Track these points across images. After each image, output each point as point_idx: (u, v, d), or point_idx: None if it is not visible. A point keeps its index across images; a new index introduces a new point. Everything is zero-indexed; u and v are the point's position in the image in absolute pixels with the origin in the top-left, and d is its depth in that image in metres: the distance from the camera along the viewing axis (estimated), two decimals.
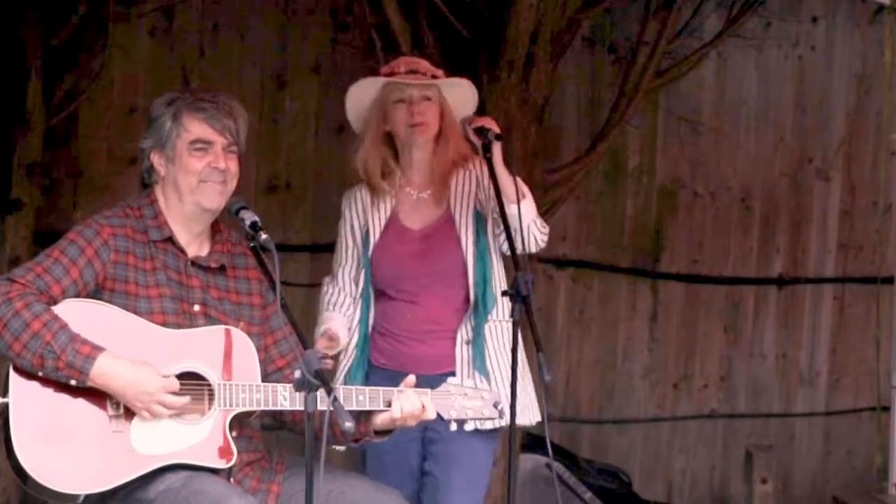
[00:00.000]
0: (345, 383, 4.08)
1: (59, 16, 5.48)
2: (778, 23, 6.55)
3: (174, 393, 3.39)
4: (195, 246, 3.63)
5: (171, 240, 3.58)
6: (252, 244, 3.50)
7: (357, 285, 4.27)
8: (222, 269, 3.65)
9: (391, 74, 4.22)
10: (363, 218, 4.27)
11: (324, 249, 6.05)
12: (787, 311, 6.80)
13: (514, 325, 3.84)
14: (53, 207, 5.67)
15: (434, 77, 4.22)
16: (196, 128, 3.55)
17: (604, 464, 6.26)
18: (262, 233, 3.47)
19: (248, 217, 3.50)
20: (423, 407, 3.55)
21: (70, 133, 5.71)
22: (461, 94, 4.30)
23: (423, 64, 4.26)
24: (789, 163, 6.75)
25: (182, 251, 3.60)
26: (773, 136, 6.72)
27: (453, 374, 4.09)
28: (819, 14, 6.73)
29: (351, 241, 4.30)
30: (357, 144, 4.29)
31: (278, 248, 3.43)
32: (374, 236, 4.24)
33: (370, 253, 4.23)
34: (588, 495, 5.64)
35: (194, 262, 3.60)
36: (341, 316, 4.25)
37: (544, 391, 4.08)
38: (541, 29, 5.15)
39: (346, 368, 4.22)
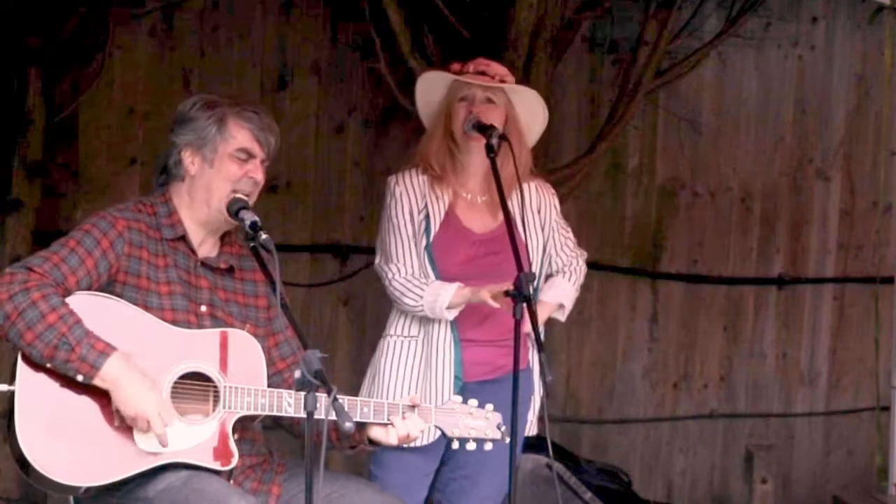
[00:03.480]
0: None
1: (59, 16, 5.47)
2: (778, 23, 6.55)
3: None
4: (206, 247, 3.64)
5: (183, 239, 3.59)
6: (252, 244, 3.50)
7: (422, 274, 4.17)
8: (230, 270, 3.66)
9: (460, 72, 4.19)
10: (421, 202, 4.20)
11: (324, 249, 6.07)
12: (787, 311, 6.80)
13: (516, 325, 3.84)
14: (53, 207, 5.67)
15: (502, 82, 4.18)
16: (242, 136, 3.56)
17: (604, 464, 6.26)
18: (262, 233, 3.47)
19: (248, 217, 3.51)
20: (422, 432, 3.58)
21: (70, 133, 5.71)
22: (532, 106, 4.27)
23: (495, 67, 4.21)
24: (789, 163, 6.74)
25: (193, 251, 3.60)
26: (773, 136, 6.72)
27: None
28: (819, 14, 6.72)
29: (410, 225, 4.19)
30: (427, 135, 4.25)
31: (278, 248, 3.43)
32: (435, 226, 4.18)
33: (431, 241, 4.18)
34: (588, 495, 5.63)
35: (204, 263, 3.61)
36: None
37: (545, 391, 4.09)
38: (541, 29, 5.16)
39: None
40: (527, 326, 3.88)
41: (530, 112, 4.27)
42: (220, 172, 3.56)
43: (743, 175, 6.69)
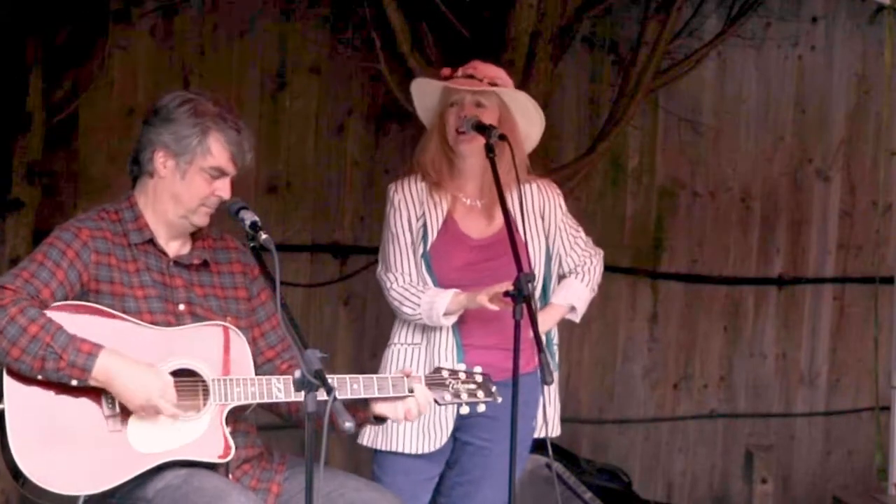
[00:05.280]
0: None
1: (60, 16, 5.47)
2: (778, 23, 6.55)
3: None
4: (176, 245, 3.64)
5: (151, 242, 3.59)
6: (252, 244, 3.50)
7: (421, 282, 4.18)
8: (205, 265, 3.66)
9: (450, 77, 4.18)
10: (419, 209, 4.21)
11: (324, 249, 6.07)
12: (787, 311, 6.80)
13: (517, 325, 3.83)
14: (53, 207, 5.66)
15: (493, 84, 4.16)
16: (220, 155, 3.55)
17: (604, 464, 6.26)
18: (262, 233, 3.47)
19: (248, 217, 3.50)
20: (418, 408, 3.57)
21: (70, 133, 5.71)
22: (526, 110, 4.24)
23: (484, 69, 4.19)
24: (789, 163, 6.75)
25: (163, 252, 3.60)
26: (773, 136, 6.72)
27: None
28: (819, 14, 6.72)
29: (408, 234, 4.20)
30: (422, 142, 4.26)
31: (278, 248, 3.43)
32: (433, 233, 4.19)
33: (428, 248, 4.18)
34: (588, 495, 5.62)
35: (176, 262, 3.61)
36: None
37: (545, 391, 4.09)
38: (541, 29, 5.16)
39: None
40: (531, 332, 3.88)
41: (526, 116, 4.25)
42: (189, 185, 3.55)
43: (743, 175, 6.69)
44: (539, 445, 4.37)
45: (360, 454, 5.66)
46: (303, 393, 3.13)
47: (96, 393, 3.38)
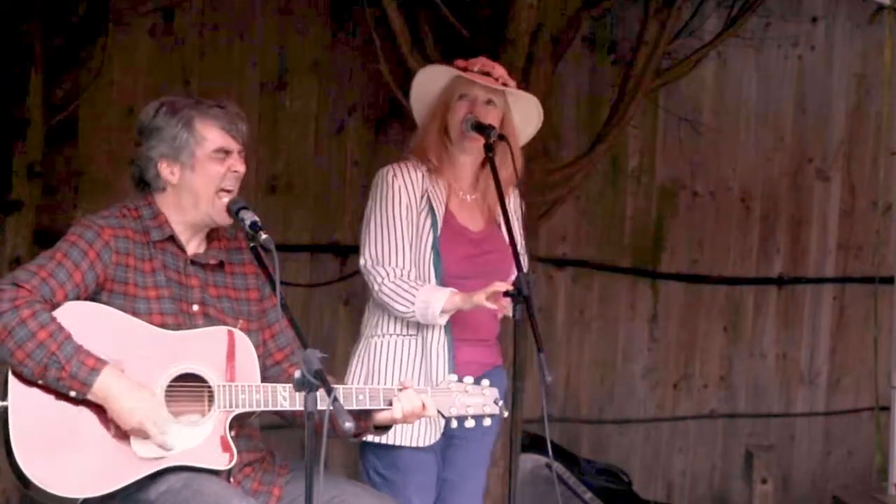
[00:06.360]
0: None
1: (59, 16, 5.47)
2: (778, 23, 6.55)
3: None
4: (194, 244, 3.64)
5: (171, 238, 3.59)
6: (252, 244, 3.50)
7: (422, 276, 4.12)
8: (220, 265, 3.66)
9: (465, 70, 4.19)
10: (423, 199, 4.13)
11: (324, 249, 6.07)
12: (787, 311, 6.81)
13: (516, 325, 3.84)
14: (53, 207, 5.66)
15: (504, 85, 4.18)
16: (215, 136, 3.56)
17: (604, 464, 6.26)
18: (262, 233, 3.46)
19: (248, 217, 3.51)
20: (424, 405, 3.56)
21: (70, 133, 5.71)
22: (527, 110, 4.27)
23: (499, 69, 4.21)
24: (789, 163, 6.75)
25: (182, 250, 3.60)
26: (773, 136, 6.72)
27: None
28: (819, 14, 6.73)
29: (405, 222, 4.10)
30: (422, 130, 4.24)
31: (278, 248, 3.43)
32: (440, 221, 4.13)
33: (437, 236, 4.13)
34: (588, 495, 5.63)
35: (193, 261, 3.61)
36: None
37: (544, 391, 4.09)
38: (541, 29, 5.15)
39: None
40: (499, 314, 3.91)
41: (524, 115, 4.26)
42: (203, 175, 3.55)
43: (743, 175, 6.69)
44: (539, 445, 4.38)
45: (359, 452, 5.67)
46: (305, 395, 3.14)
47: None
